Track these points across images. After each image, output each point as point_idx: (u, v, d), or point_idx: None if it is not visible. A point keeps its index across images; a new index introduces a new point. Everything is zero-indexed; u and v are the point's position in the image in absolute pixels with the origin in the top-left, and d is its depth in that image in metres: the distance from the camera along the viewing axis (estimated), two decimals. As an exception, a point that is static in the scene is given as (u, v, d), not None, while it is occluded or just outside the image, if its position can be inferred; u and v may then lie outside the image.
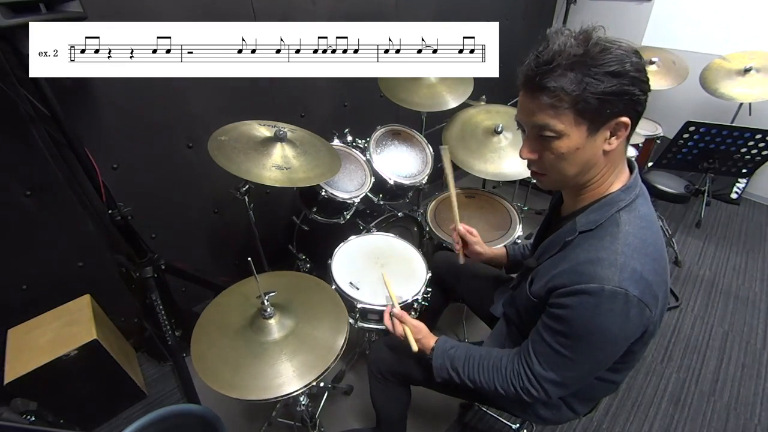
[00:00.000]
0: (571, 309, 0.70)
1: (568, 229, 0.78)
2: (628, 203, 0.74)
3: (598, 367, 0.79)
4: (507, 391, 0.84)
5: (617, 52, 0.64)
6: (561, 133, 0.69)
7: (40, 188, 1.28)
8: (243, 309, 1.01)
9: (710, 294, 2.11)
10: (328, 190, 1.52)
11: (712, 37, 2.66)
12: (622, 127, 0.69)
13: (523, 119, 0.74)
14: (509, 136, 1.67)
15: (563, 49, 0.65)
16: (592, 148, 0.70)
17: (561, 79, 0.65)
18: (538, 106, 0.69)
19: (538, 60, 0.67)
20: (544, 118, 0.69)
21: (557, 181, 0.78)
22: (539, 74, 0.67)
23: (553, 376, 0.77)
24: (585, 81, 0.64)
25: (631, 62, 0.64)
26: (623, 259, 0.68)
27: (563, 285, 0.72)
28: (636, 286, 0.66)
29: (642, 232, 0.71)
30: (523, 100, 0.73)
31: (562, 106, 0.66)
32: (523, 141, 0.77)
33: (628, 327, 0.69)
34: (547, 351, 0.76)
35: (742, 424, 1.52)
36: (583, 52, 0.64)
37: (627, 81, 0.64)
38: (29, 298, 1.38)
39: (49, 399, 1.28)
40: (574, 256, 0.73)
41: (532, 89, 0.69)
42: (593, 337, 0.71)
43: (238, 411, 1.54)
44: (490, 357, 0.88)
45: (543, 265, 0.83)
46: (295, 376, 0.87)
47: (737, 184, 2.84)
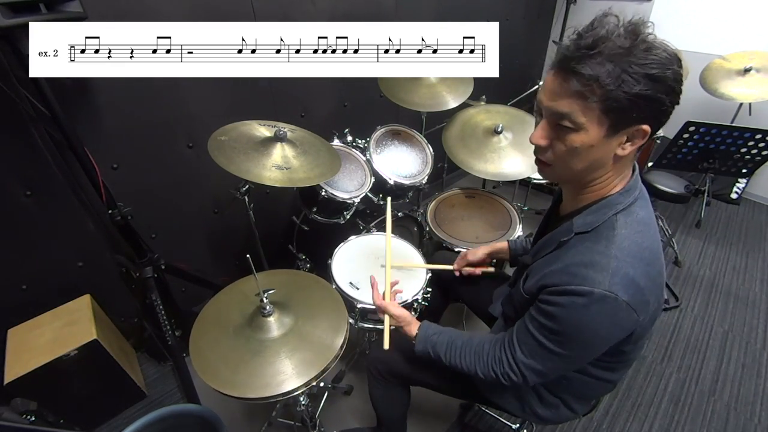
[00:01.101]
0: (561, 307, 0.71)
1: (565, 230, 0.78)
2: (626, 206, 0.73)
3: (579, 361, 0.81)
4: (486, 375, 0.86)
5: (662, 55, 0.60)
6: (580, 126, 0.65)
7: (40, 188, 1.28)
8: (242, 307, 1.01)
9: (710, 294, 2.11)
10: (328, 190, 1.52)
11: (712, 37, 2.66)
12: (640, 135, 0.66)
13: (544, 102, 0.69)
14: (509, 136, 1.67)
15: (609, 37, 0.60)
16: (605, 148, 0.68)
17: (599, 68, 0.60)
18: (566, 91, 0.64)
19: (578, 42, 0.62)
20: (568, 105, 0.65)
21: (561, 175, 0.76)
22: (577, 57, 0.61)
23: (534, 364, 0.79)
24: (622, 77, 0.60)
25: (672, 70, 0.61)
26: (616, 263, 0.67)
27: (554, 284, 0.72)
28: (626, 291, 0.66)
29: (638, 236, 0.71)
30: (550, 81, 0.67)
31: (592, 98, 0.62)
32: (536, 125, 0.73)
33: (615, 329, 0.71)
34: (531, 342, 0.78)
35: (742, 424, 1.52)
36: (629, 45, 0.60)
37: (663, 89, 0.61)
38: (29, 298, 1.38)
39: (49, 399, 1.28)
40: (569, 257, 0.73)
41: (564, 71, 0.64)
42: (579, 336, 0.72)
43: (238, 411, 1.54)
44: (472, 344, 0.90)
45: (537, 262, 0.83)
46: (295, 374, 0.88)
47: (737, 184, 2.84)
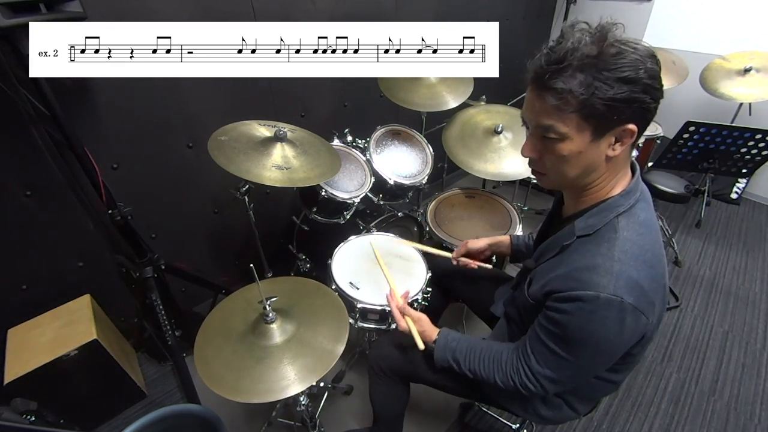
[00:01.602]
0: (568, 314, 0.70)
1: (567, 233, 0.78)
2: (627, 208, 0.73)
3: (595, 369, 0.80)
4: (506, 384, 0.85)
5: (632, 56, 0.61)
6: (564, 135, 0.67)
7: (40, 188, 1.28)
8: (245, 314, 1.02)
9: (710, 294, 2.11)
10: (328, 190, 1.51)
11: (712, 37, 2.66)
12: (628, 134, 0.67)
13: (528, 117, 0.72)
14: (509, 136, 1.67)
15: (576, 48, 0.61)
16: (595, 152, 0.69)
17: (570, 80, 0.62)
18: (543, 106, 0.67)
19: (549, 57, 0.64)
20: (548, 119, 0.67)
21: (557, 182, 0.77)
22: (548, 72, 0.63)
23: (550, 374, 0.78)
24: (594, 85, 0.61)
25: (645, 68, 0.61)
26: (619, 266, 0.67)
27: (559, 290, 0.71)
28: (631, 294, 0.66)
29: (640, 239, 0.71)
30: (529, 98, 0.70)
31: (568, 108, 0.64)
32: (526, 138, 0.75)
33: (624, 334, 0.69)
34: (543, 350, 0.77)
35: (742, 424, 1.52)
36: (597, 53, 0.61)
37: (639, 88, 0.61)
38: (29, 298, 1.38)
39: (49, 399, 1.28)
40: (572, 261, 0.73)
41: (538, 87, 0.66)
42: (589, 342, 0.71)
43: (238, 411, 1.53)
44: (491, 350, 0.90)
45: (541, 266, 0.83)
46: (297, 380, 0.88)
47: (737, 184, 2.84)
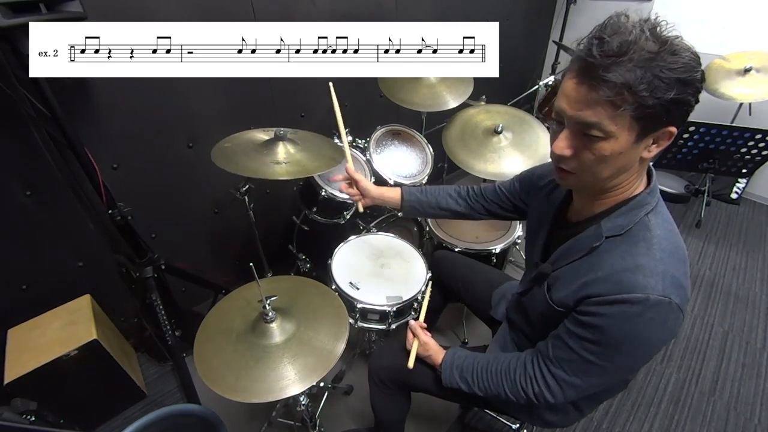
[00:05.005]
0: (608, 318, 0.66)
1: (592, 234, 0.73)
2: (654, 206, 0.71)
3: (625, 374, 0.77)
4: (517, 396, 0.82)
5: (687, 57, 0.58)
6: (610, 134, 0.61)
7: (40, 188, 1.28)
8: (245, 313, 1.02)
9: (710, 294, 2.11)
10: (328, 190, 1.51)
11: (712, 37, 2.66)
12: (666, 136, 0.64)
13: (568, 111, 0.64)
14: (509, 136, 1.67)
15: (637, 41, 0.56)
16: (633, 153, 0.65)
17: (629, 75, 0.56)
18: (593, 100, 0.60)
19: (603, 46, 0.57)
20: (597, 115, 0.60)
21: (585, 183, 0.71)
22: (604, 65, 0.57)
23: (578, 382, 0.75)
24: (654, 83, 0.56)
25: (699, 71, 0.59)
26: (663, 266, 0.65)
27: (599, 294, 0.67)
28: (677, 294, 0.64)
29: (671, 236, 0.69)
30: (573, 90, 0.62)
31: (623, 106, 0.58)
32: (555, 132, 0.68)
33: (665, 335, 0.67)
34: (573, 358, 0.73)
35: (742, 424, 1.52)
36: (657, 50, 0.56)
37: (692, 91, 0.58)
38: (29, 298, 1.38)
39: (49, 399, 1.28)
40: (609, 264, 0.69)
41: (590, 78, 0.59)
42: (627, 346, 0.68)
43: (238, 411, 1.53)
44: (498, 363, 0.88)
45: (563, 270, 0.78)
46: (297, 379, 0.88)
47: (737, 184, 2.83)
